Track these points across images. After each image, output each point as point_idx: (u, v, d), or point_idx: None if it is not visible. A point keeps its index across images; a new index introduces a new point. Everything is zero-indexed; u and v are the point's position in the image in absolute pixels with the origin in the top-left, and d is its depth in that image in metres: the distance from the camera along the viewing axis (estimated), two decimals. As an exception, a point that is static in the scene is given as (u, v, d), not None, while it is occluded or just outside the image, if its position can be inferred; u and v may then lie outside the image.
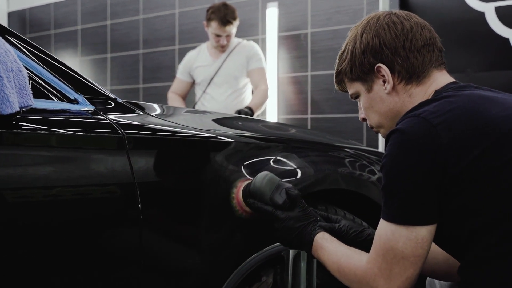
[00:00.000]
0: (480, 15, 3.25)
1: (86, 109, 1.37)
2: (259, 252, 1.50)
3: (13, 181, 1.20)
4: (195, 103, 3.83)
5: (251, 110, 3.55)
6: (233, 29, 3.64)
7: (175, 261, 1.40)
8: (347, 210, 1.68)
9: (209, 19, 3.64)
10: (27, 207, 1.21)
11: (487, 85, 1.38)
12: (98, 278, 1.30)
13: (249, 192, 1.43)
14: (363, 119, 1.38)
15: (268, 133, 1.74)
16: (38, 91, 1.32)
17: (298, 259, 1.55)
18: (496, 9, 3.21)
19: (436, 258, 1.37)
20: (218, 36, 3.64)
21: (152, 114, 1.55)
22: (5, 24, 1.97)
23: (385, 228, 1.17)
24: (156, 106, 1.66)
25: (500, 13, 3.20)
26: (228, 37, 3.65)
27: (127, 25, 4.72)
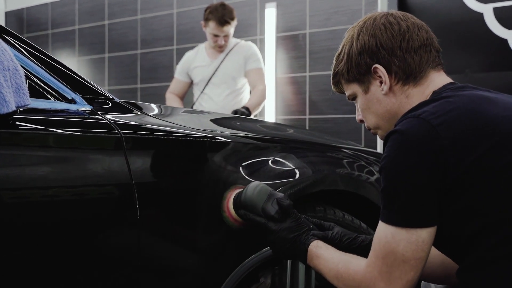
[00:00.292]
0: (478, 16, 3.25)
1: (83, 109, 1.37)
2: (258, 253, 1.50)
3: (9, 181, 1.19)
4: (193, 103, 3.83)
5: (248, 110, 3.54)
6: (231, 29, 3.64)
7: (172, 262, 1.40)
8: (346, 211, 1.67)
9: (206, 19, 3.64)
10: (24, 208, 1.20)
11: (486, 86, 1.37)
12: (95, 279, 1.29)
13: (240, 203, 1.41)
14: (360, 121, 1.38)
15: (266, 134, 1.73)
16: (35, 90, 1.31)
17: (296, 260, 1.54)
18: (494, 10, 3.21)
19: (432, 262, 1.35)
20: (216, 36, 3.63)
21: (150, 114, 1.54)
22: (2, 24, 1.97)
23: (384, 230, 1.16)
24: (154, 106, 1.66)
25: (498, 14, 3.20)
26: (226, 37, 3.64)
27: (125, 25, 4.72)
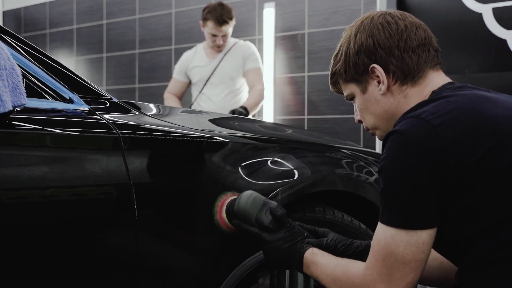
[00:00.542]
0: (477, 16, 3.25)
1: (81, 108, 1.36)
2: (256, 254, 1.49)
3: (6, 181, 1.18)
4: (191, 103, 3.82)
5: (246, 110, 3.52)
6: (229, 29, 3.63)
7: (171, 262, 1.39)
8: (345, 212, 1.66)
9: (205, 19, 3.63)
10: (21, 208, 1.20)
11: (485, 86, 1.37)
12: (93, 280, 1.29)
13: (234, 212, 1.39)
14: (359, 121, 1.37)
15: (265, 134, 1.73)
16: (33, 90, 1.31)
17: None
18: (493, 10, 3.21)
19: (429, 265, 1.33)
20: (214, 36, 3.62)
21: (148, 114, 1.54)
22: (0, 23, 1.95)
23: (384, 232, 1.15)
24: (152, 106, 1.65)
25: (497, 14, 3.20)
26: (224, 37, 3.63)
27: (123, 24, 4.71)
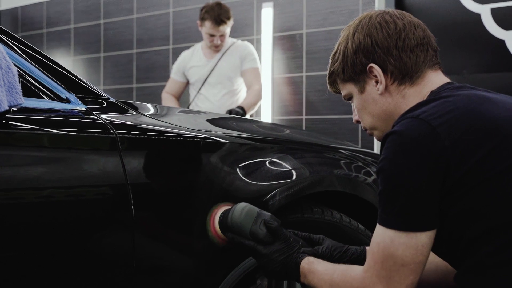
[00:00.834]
0: (476, 17, 3.25)
1: (78, 108, 1.35)
2: (254, 255, 1.48)
3: (1, 181, 1.17)
4: (189, 103, 3.81)
5: (243, 109, 3.50)
6: (227, 28, 3.62)
7: (168, 263, 1.38)
8: (343, 213, 1.66)
9: (202, 19, 3.62)
10: (17, 208, 1.19)
11: (483, 87, 1.36)
12: (90, 280, 1.28)
13: (227, 225, 1.38)
14: (357, 121, 1.36)
15: (263, 134, 1.72)
16: (29, 89, 1.30)
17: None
18: (492, 11, 3.21)
19: (426, 268, 1.32)
20: (212, 36, 3.61)
21: (145, 114, 1.53)
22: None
23: (383, 234, 1.14)
24: (149, 106, 1.65)
25: (495, 14, 3.20)
26: (222, 37, 3.62)
27: (121, 24, 4.70)
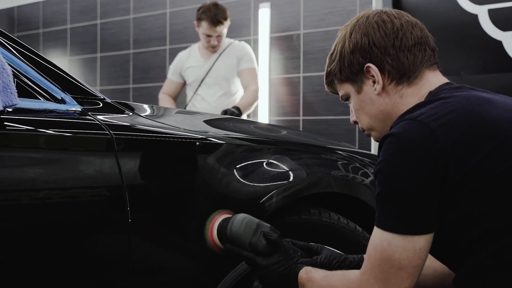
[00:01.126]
0: (473, 18, 3.25)
1: (73, 109, 1.34)
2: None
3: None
4: (186, 104, 3.80)
5: (239, 110, 3.49)
6: (223, 29, 3.61)
7: (164, 265, 1.38)
8: (341, 214, 1.65)
9: (199, 19, 3.61)
10: (12, 210, 1.18)
11: (481, 87, 1.36)
12: (85, 282, 1.27)
13: (226, 236, 1.38)
14: (354, 122, 1.35)
15: (260, 135, 1.71)
16: (24, 90, 1.29)
17: None
18: (489, 12, 3.21)
19: (423, 274, 1.31)
20: (209, 36, 3.61)
21: (142, 115, 1.52)
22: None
23: (380, 237, 1.13)
24: (146, 107, 1.64)
25: (493, 15, 3.20)
26: (219, 37, 3.61)
27: (117, 24, 4.69)
